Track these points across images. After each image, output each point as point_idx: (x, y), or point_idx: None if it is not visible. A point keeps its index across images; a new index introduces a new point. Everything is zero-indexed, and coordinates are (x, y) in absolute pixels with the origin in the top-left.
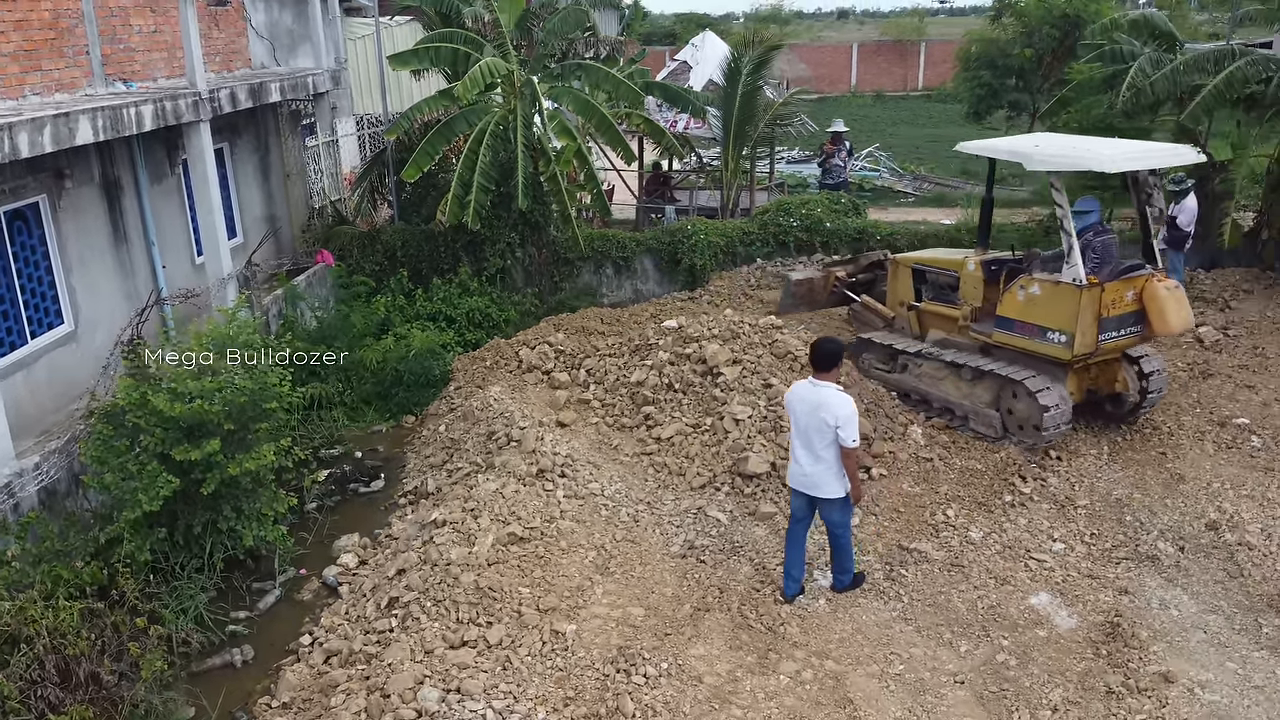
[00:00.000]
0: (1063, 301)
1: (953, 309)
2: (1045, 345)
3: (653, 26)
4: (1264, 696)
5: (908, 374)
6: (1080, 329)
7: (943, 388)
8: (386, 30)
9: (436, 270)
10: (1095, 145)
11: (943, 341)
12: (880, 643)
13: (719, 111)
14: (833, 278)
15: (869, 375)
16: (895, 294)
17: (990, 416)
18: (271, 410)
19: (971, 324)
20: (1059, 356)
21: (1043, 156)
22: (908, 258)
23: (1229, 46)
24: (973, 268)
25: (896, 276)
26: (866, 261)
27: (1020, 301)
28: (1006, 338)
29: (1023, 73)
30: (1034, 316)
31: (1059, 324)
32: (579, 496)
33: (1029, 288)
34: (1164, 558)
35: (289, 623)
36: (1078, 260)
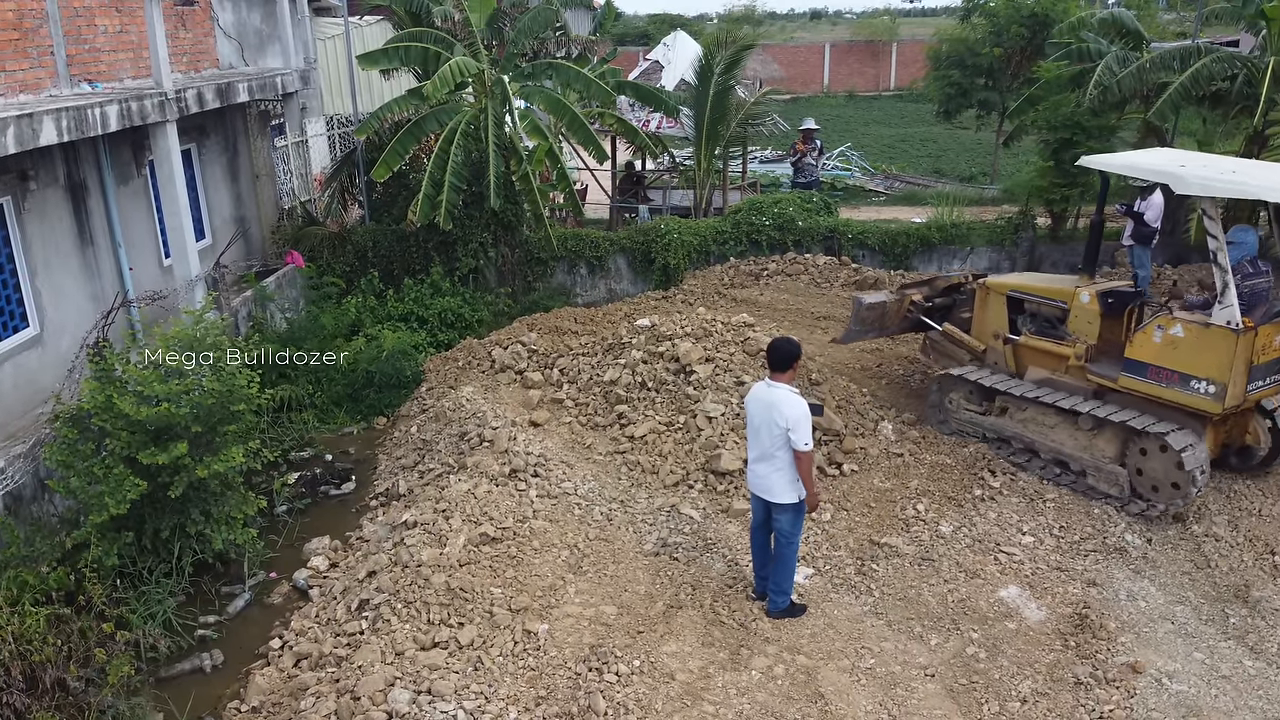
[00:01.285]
0: (1213, 347)
1: (1062, 346)
2: (1188, 395)
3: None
4: (1231, 686)
5: (1008, 419)
6: (1233, 378)
7: (1054, 437)
8: (356, 30)
9: (408, 270)
10: (1252, 169)
11: (1047, 382)
12: (851, 637)
13: (691, 111)
14: (908, 301)
15: (954, 418)
16: (985, 324)
17: (1116, 474)
18: (240, 412)
19: (1087, 364)
20: (1206, 409)
21: (1197, 180)
22: (1002, 283)
23: (1195, 44)
24: (1087, 299)
25: (987, 304)
26: (945, 284)
27: (1157, 344)
28: (1137, 384)
29: (992, 72)
30: (1175, 362)
31: (1207, 372)
32: (552, 496)
33: (1169, 328)
34: (1131, 550)
35: (259, 626)
36: (1233, 300)
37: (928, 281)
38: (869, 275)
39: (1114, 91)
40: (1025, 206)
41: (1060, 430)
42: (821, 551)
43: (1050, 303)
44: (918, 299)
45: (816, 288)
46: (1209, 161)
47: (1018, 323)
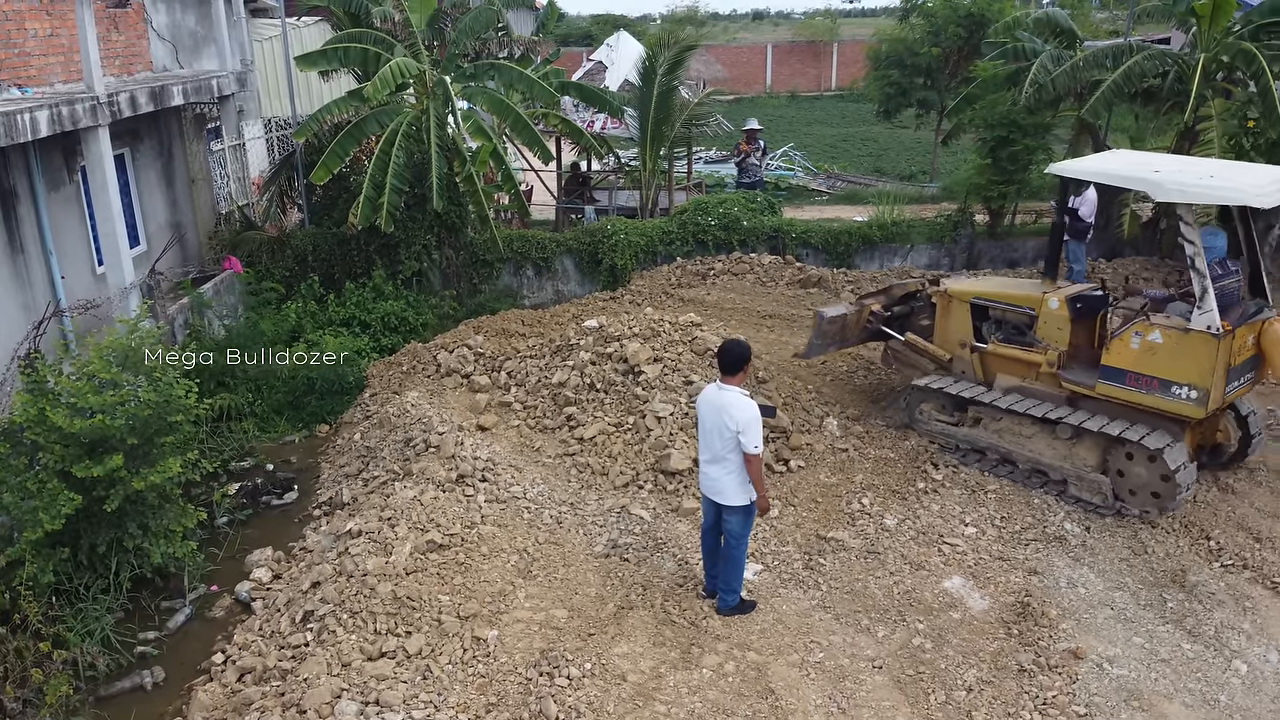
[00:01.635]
0: (1194, 352)
1: (1033, 353)
2: (1170, 401)
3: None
4: (1170, 669)
5: (982, 429)
6: (1214, 383)
7: (1032, 447)
8: (294, 31)
9: (349, 274)
10: (1229, 172)
11: (1018, 389)
12: (800, 632)
13: (636, 112)
14: (867, 311)
15: (925, 429)
16: (948, 332)
17: (1098, 482)
18: (177, 423)
19: (1060, 371)
20: (1189, 414)
21: (1175, 186)
22: (964, 290)
23: (1127, 42)
24: (1056, 305)
25: (950, 312)
26: (901, 291)
27: (1135, 350)
28: (1116, 390)
29: (930, 71)
30: (1154, 368)
31: (1189, 378)
32: (500, 500)
33: (1147, 334)
34: (1071, 538)
35: (200, 641)
36: (1212, 305)
37: (885, 290)
38: (813, 273)
39: (1049, 90)
40: (964, 204)
41: (1038, 440)
42: (770, 547)
43: (1017, 309)
44: (876, 309)
45: (762, 286)
46: (1184, 165)
47: (982, 330)
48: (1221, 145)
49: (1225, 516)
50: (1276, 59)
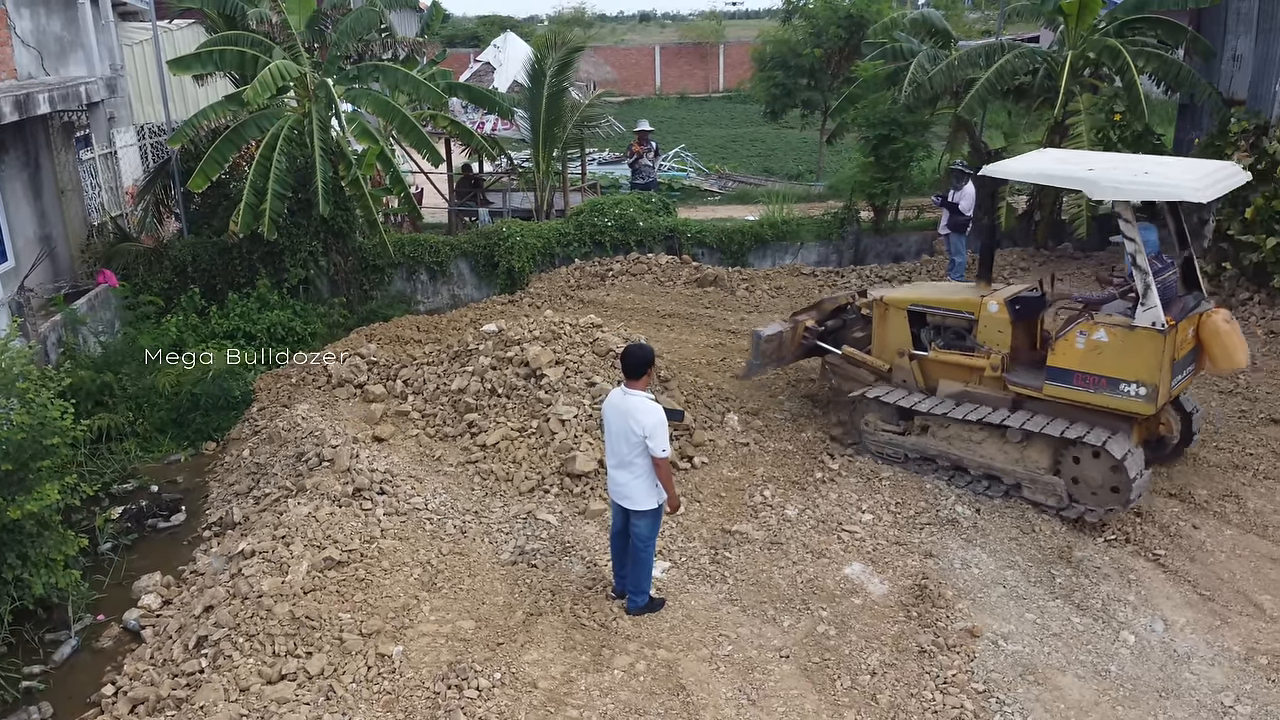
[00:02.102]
0: (1140, 349)
1: (975, 357)
2: (1119, 399)
3: (454, 28)
4: (1062, 643)
5: (930, 436)
6: (1162, 378)
7: (983, 452)
8: (166, 34)
9: (232, 284)
10: (1163, 169)
11: (963, 395)
12: (709, 626)
13: (526, 113)
14: (802, 328)
15: (873, 440)
16: (885, 341)
17: (1053, 484)
18: (53, 446)
19: (1005, 375)
20: (1139, 411)
21: (1112, 184)
22: (899, 298)
23: (999, 41)
24: (996, 308)
25: (887, 320)
26: (832, 305)
27: (1080, 350)
28: (1064, 391)
29: (814, 72)
30: (1101, 367)
31: (1137, 375)
32: (400, 513)
33: (1092, 333)
34: (963, 520)
35: (89, 673)
36: (1156, 301)
37: (816, 306)
38: (710, 272)
39: (926, 88)
40: (849, 202)
41: (988, 445)
42: (677, 544)
43: (955, 314)
44: (810, 324)
45: (661, 286)
46: (1117, 163)
47: (920, 336)
48: (1090, 139)
49: None
50: (1140, 54)
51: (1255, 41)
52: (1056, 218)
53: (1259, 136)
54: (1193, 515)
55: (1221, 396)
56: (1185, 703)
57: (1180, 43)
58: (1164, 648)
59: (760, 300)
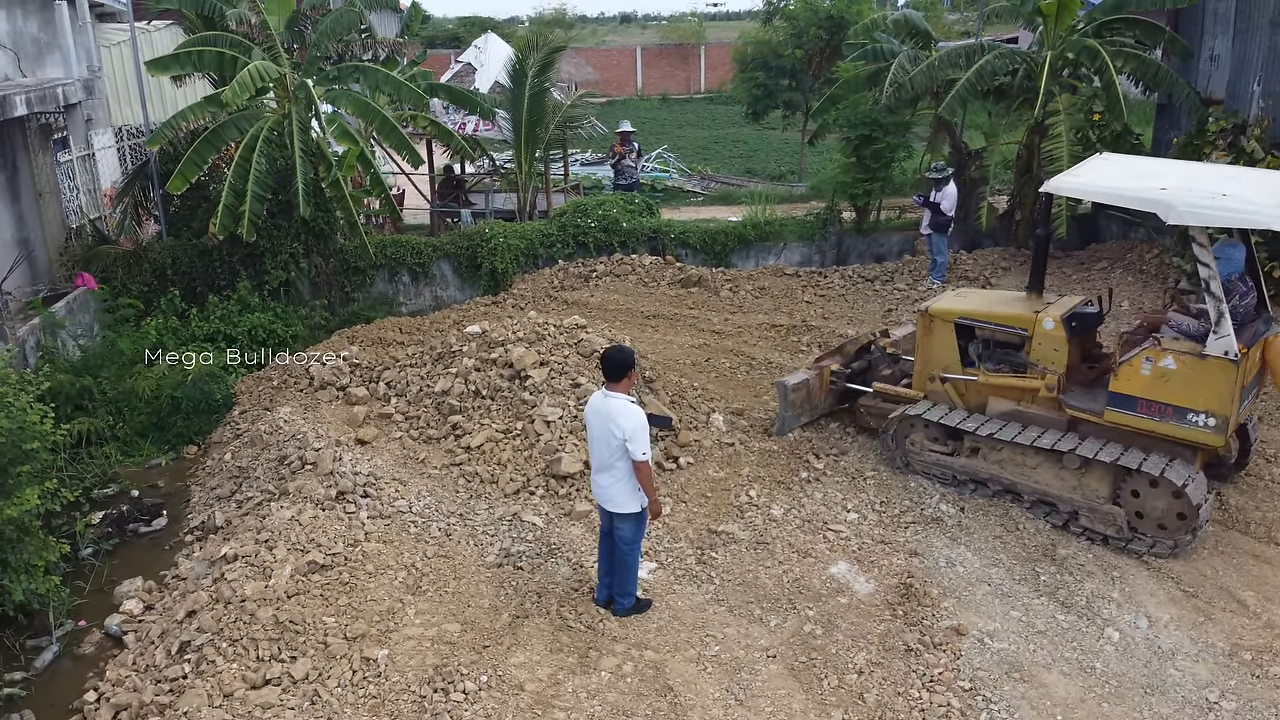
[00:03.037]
0: (1211, 379)
1: (1027, 378)
2: (1187, 430)
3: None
4: (1047, 640)
5: (981, 459)
6: (1233, 409)
7: (1037, 477)
8: (144, 35)
9: (212, 287)
10: (1242, 189)
11: (1013, 415)
12: (696, 626)
13: (508, 114)
14: (828, 373)
15: (920, 460)
16: (930, 359)
17: (1112, 514)
18: (33, 450)
19: (1062, 396)
20: (1208, 443)
21: (1189, 208)
22: (947, 310)
23: (978, 42)
24: (1052, 325)
25: (932, 334)
26: (855, 347)
27: (1146, 377)
28: (1127, 419)
29: (795, 73)
30: (1168, 395)
31: (1206, 405)
32: (384, 516)
33: (1159, 360)
34: (947, 519)
35: (71, 680)
36: (1229, 330)
37: (839, 350)
38: (694, 273)
39: (907, 89)
40: (831, 202)
41: (1043, 470)
42: (663, 545)
43: (1007, 329)
44: (835, 368)
45: (645, 287)
46: (1191, 180)
47: (969, 351)
48: (1069, 139)
49: None
50: (1118, 54)
51: (1232, 41)
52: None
53: (1237, 136)
54: None
55: None
56: (1170, 699)
57: (1158, 43)
58: (1148, 644)
59: (744, 301)
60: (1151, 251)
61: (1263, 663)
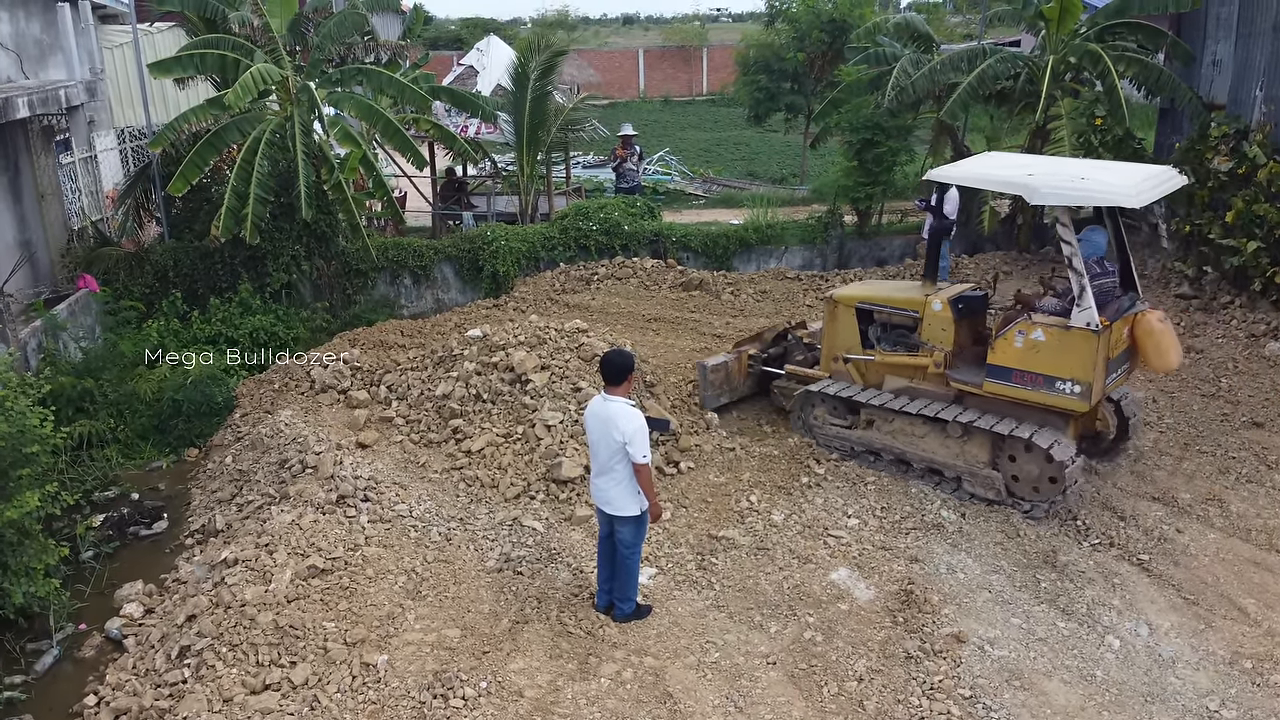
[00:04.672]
0: (1076, 348)
1: (918, 356)
2: (1055, 397)
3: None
4: (1047, 648)
5: (875, 430)
6: (1096, 376)
7: (925, 446)
8: (147, 37)
9: (214, 289)
10: (1101, 174)
11: (906, 390)
12: (696, 633)
13: (510, 116)
14: (745, 357)
15: (822, 433)
16: (835, 342)
17: (991, 478)
18: (33, 454)
19: (948, 371)
20: (1074, 408)
21: (1050, 189)
22: (849, 295)
23: (980, 46)
24: (940, 307)
25: (836, 319)
26: (772, 334)
27: (1019, 349)
28: (1003, 389)
29: (797, 76)
30: (1039, 365)
31: (1072, 373)
32: (385, 520)
33: (1030, 333)
34: (948, 525)
35: (71, 683)
36: (1091, 303)
37: (756, 336)
38: (695, 276)
39: (909, 93)
40: (833, 205)
41: (930, 439)
42: (664, 550)
43: (902, 312)
44: (753, 352)
45: (646, 290)
46: (1056, 167)
47: (869, 334)
48: (1071, 143)
49: (1090, 497)
50: (1121, 59)
51: (1235, 46)
52: (1039, 221)
53: (1239, 141)
54: (1176, 519)
55: (1204, 400)
56: (1171, 707)
57: (1160, 47)
58: (1149, 652)
59: (745, 304)
60: (1153, 256)
61: (1263, 671)
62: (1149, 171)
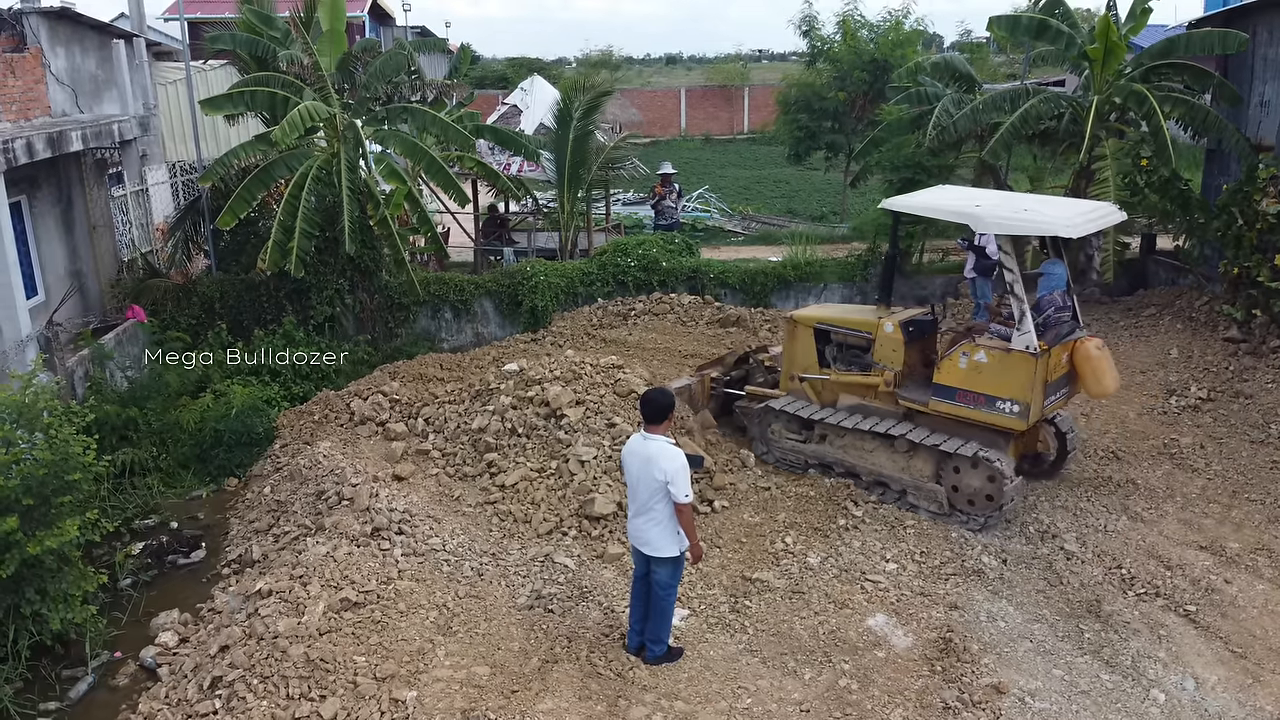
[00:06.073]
0: (1015, 370)
1: (870, 376)
2: (995, 415)
3: (483, 70)
4: (1090, 701)
5: (828, 445)
6: (1034, 398)
7: (874, 460)
8: (199, 74)
9: (258, 321)
10: (1042, 206)
11: (859, 408)
12: (728, 677)
13: (552, 155)
14: (708, 380)
15: (779, 448)
16: (793, 361)
17: (934, 492)
18: (75, 481)
19: (897, 390)
20: (1012, 427)
21: (994, 219)
22: (807, 316)
23: (1024, 86)
24: (891, 329)
25: (796, 338)
26: (734, 358)
27: (963, 369)
28: (947, 407)
29: (838, 115)
30: (981, 385)
31: (1011, 393)
32: (418, 554)
33: (973, 354)
34: (989, 571)
35: (105, 711)
36: (1030, 327)
37: (719, 360)
38: (732, 313)
39: (951, 132)
40: (873, 243)
41: (879, 454)
42: (696, 591)
43: (856, 333)
44: (715, 375)
45: (683, 326)
46: (1002, 200)
47: (825, 353)
48: (1116, 184)
49: (1135, 545)
50: (1166, 99)
51: None
52: (1083, 263)
53: None
54: (1224, 569)
55: (1253, 447)
56: None
57: (1207, 88)
58: (1195, 707)
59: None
60: (1201, 299)
61: None
62: (1089, 206)
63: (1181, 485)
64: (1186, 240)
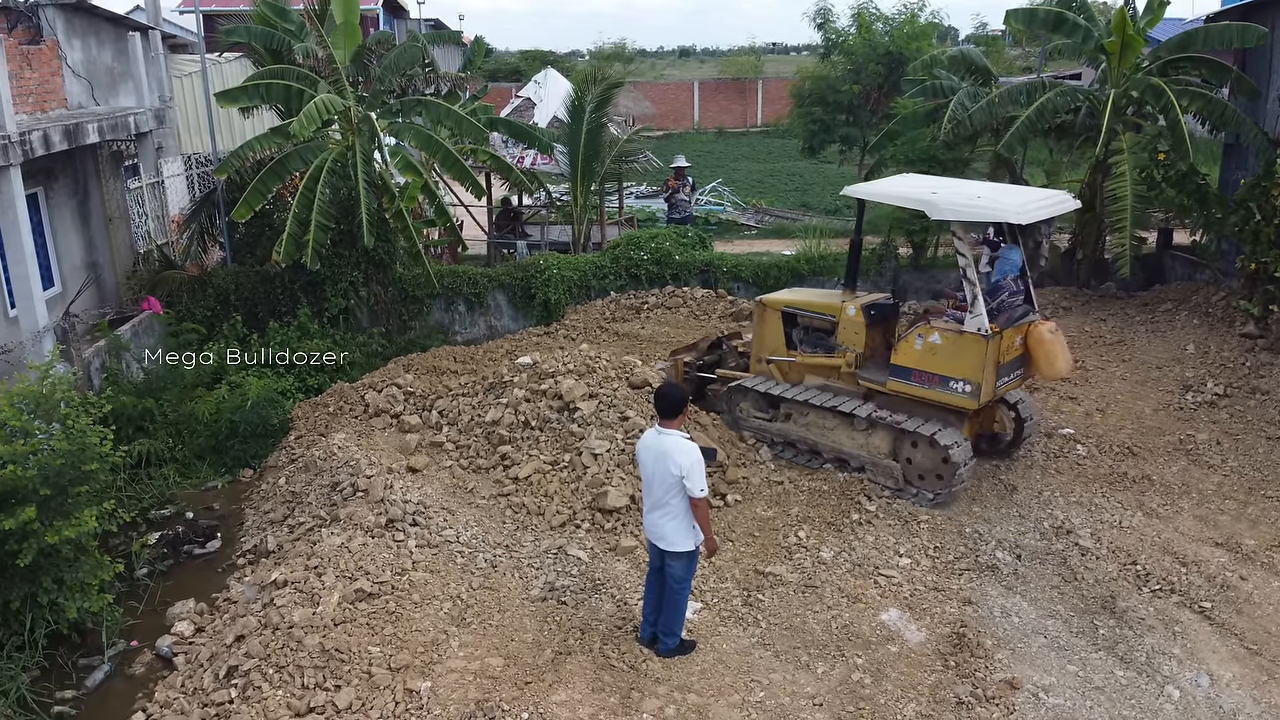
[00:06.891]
0: (967, 351)
1: (833, 357)
2: (948, 395)
3: (497, 63)
4: (1104, 697)
5: (793, 423)
6: (985, 378)
7: (834, 438)
8: (215, 67)
9: (273, 313)
10: (995, 193)
11: (823, 388)
12: (741, 671)
13: (566, 148)
14: (681, 365)
15: (746, 425)
16: (762, 343)
17: (890, 468)
18: (92, 472)
19: (858, 370)
20: (964, 406)
21: (948, 206)
22: (776, 300)
23: (1040, 79)
24: (854, 312)
25: (765, 321)
26: (707, 342)
27: (918, 351)
28: (903, 386)
29: (852, 108)
30: (935, 366)
31: (963, 374)
32: (432, 545)
33: (928, 336)
34: (1003, 566)
35: (120, 699)
36: (982, 310)
37: (693, 346)
38: (745, 306)
39: (966, 126)
40: (888, 237)
41: (839, 432)
42: (709, 584)
43: (821, 316)
44: (688, 360)
45: (695, 319)
46: (958, 188)
47: (793, 335)
48: (1133, 178)
49: (1151, 541)
50: (1184, 93)
51: None
52: (1099, 257)
53: None
54: (1240, 566)
55: (1270, 443)
56: None
57: (1225, 82)
58: (1209, 703)
59: None
60: (1218, 294)
61: None
62: (1041, 194)
63: (1197, 481)
64: (1203, 235)
